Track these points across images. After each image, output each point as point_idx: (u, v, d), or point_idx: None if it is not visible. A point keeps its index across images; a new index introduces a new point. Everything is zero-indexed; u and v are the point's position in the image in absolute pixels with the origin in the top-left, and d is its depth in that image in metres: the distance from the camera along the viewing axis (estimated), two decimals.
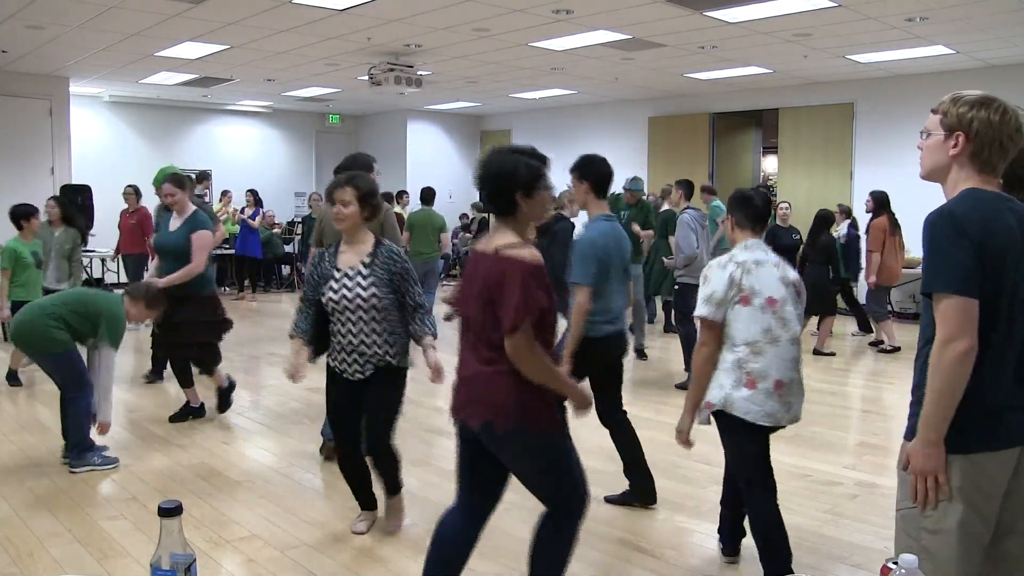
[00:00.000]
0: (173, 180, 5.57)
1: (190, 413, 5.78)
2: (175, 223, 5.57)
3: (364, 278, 3.52)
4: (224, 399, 5.87)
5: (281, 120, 15.72)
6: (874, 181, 10.31)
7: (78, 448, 4.63)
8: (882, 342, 8.67)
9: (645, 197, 9.46)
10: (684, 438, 3.22)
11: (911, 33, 8.27)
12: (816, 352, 8.25)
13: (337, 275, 3.55)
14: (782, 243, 8.13)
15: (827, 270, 8.45)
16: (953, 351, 1.89)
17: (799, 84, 11.56)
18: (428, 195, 9.62)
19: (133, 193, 9.46)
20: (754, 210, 3.25)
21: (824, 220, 8.60)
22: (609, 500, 4.17)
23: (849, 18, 7.69)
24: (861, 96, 11.20)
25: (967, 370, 1.90)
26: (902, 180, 10.40)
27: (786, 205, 9.24)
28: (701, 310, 3.13)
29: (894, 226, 8.63)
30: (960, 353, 1.88)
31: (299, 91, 13.17)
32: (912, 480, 1.99)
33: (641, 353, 8.09)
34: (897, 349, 8.47)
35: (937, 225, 1.95)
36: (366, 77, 10.42)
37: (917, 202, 8.52)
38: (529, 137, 15.68)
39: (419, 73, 10.26)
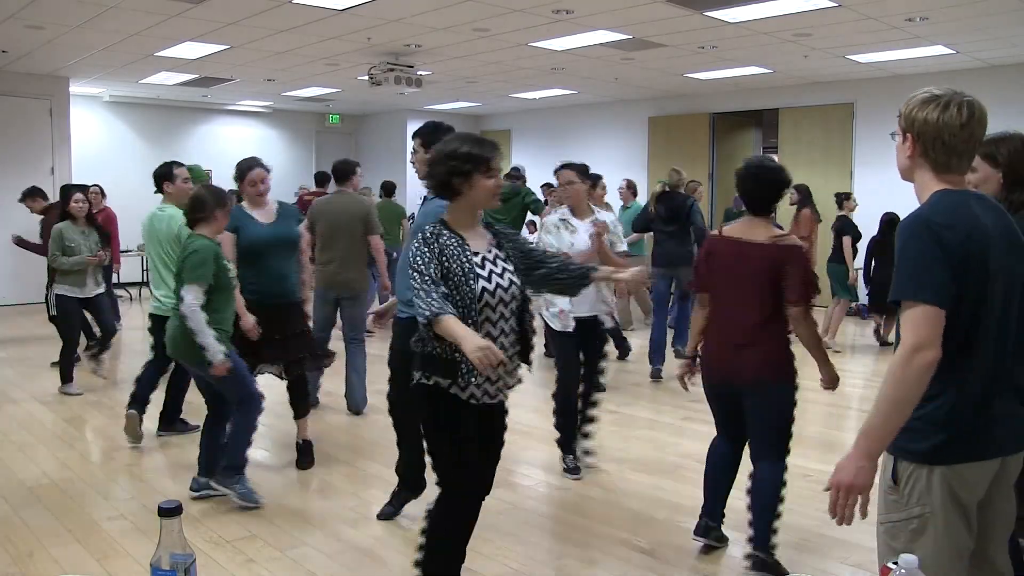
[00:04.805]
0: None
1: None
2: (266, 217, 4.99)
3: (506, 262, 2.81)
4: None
5: (281, 120, 15.71)
6: (874, 181, 10.33)
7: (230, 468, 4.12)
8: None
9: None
10: None
11: (911, 33, 8.27)
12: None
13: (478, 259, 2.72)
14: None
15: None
16: (922, 359, 1.81)
17: (799, 84, 11.56)
18: (390, 188, 10.55)
19: (99, 193, 9.40)
20: None
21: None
22: None
23: (849, 18, 7.69)
24: (861, 96, 11.20)
25: (927, 381, 1.83)
26: (902, 180, 10.44)
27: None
28: None
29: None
30: (928, 363, 1.81)
31: (299, 91, 13.17)
32: (833, 495, 1.90)
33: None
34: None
35: (911, 232, 1.90)
36: (366, 77, 10.42)
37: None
38: (529, 137, 15.69)
39: (419, 73, 10.27)
